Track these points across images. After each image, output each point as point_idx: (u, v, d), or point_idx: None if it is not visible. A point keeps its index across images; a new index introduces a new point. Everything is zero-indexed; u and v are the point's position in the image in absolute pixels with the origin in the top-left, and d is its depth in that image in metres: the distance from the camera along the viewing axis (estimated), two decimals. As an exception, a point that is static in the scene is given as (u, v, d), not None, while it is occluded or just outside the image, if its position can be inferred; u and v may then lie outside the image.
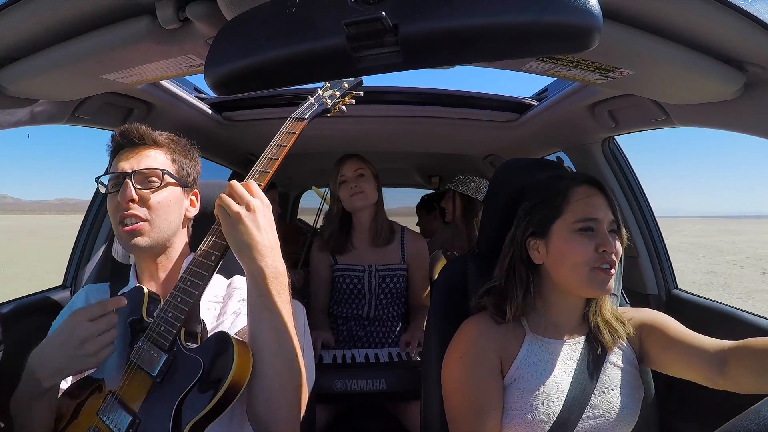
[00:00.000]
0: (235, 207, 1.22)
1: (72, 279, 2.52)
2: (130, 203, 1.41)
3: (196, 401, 1.17)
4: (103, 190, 1.49)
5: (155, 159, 1.51)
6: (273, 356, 1.24)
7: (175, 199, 1.52)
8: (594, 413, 1.42)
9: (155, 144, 1.54)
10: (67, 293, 2.40)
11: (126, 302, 1.28)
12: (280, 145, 1.43)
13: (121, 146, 1.51)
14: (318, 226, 3.93)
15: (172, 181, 1.52)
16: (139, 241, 1.43)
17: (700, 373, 1.41)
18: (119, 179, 1.44)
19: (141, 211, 1.43)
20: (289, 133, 1.48)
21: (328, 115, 1.60)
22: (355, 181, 2.78)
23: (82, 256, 2.55)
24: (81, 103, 1.84)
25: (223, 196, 1.25)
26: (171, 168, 1.53)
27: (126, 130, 1.51)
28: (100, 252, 2.54)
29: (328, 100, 1.57)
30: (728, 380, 1.35)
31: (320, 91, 1.60)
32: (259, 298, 1.24)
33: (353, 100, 1.65)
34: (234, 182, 1.27)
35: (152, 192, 1.46)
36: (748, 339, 1.35)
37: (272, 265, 1.24)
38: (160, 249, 1.50)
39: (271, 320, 1.24)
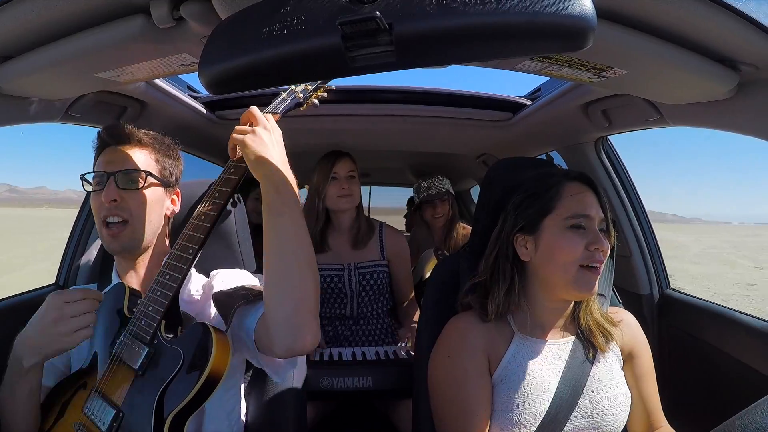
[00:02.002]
0: (255, 125, 1.33)
1: (65, 277, 2.52)
2: (112, 202, 1.42)
3: (177, 391, 1.20)
4: (88, 188, 1.50)
5: (139, 159, 1.51)
6: (295, 247, 1.28)
7: (156, 199, 1.53)
8: (583, 413, 1.42)
9: (140, 144, 1.54)
10: (59, 292, 2.40)
11: (101, 298, 1.31)
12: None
13: (107, 144, 1.51)
14: None
15: (155, 181, 1.53)
16: (120, 241, 1.45)
17: (633, 426, 1.56)
18: (103, 178, 1.45)
19: (122, 211, 1.44)
20: None
21: (301, 108, 1.60)
22: (346, 182, 2.75)
23: (75, 253, 2.54)
24: (74, 102, 1.83)
25: (242, 118, 1.36)
26: (154, 168, 1.53)
27: (111, 129, 1.52)
28: (93, 250, 2.53)
29: (300, 94, 1.58)
30: None
31: (292, 86, 1.60)
32: (278, 196, 1.28)
33: (325, 94, 1.66)
34: (253, 107, 1.37)
35: (134, 192, 1.47)
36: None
37: (286, 172, 1.30)
38: (142, 249, 1.51)
39: (290, 215, 1.28)
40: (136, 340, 1.28)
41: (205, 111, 2.60)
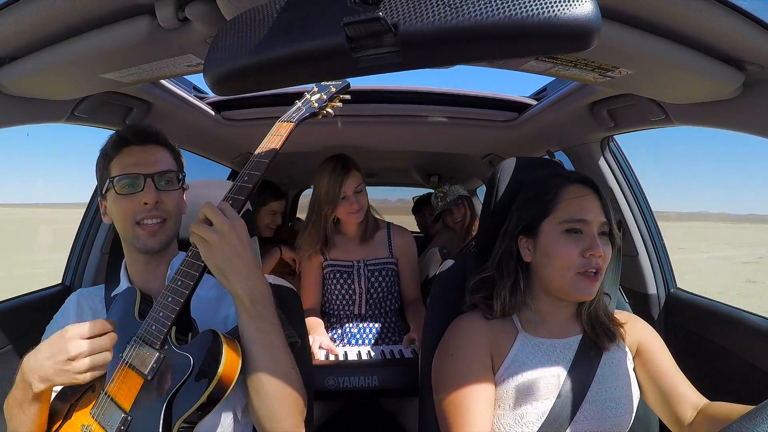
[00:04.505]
0: (211, 233, 1.24)
1: (71, 278, 2.53)
2: (154, 204, 1.43)
3: (186, 398, 1.20)
4: (118, 189, 1.45)
5: (167, 159, 1.52)
6: (269, 372, 1.27)
7: (181, 202, 1.54)
8: (587, 415, 1.41)
9: (165, 145, 1.55)
10: (66, 292, 2.40)
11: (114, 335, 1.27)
12: (260, 161, 1.43)
13: (128, 143, 1.49)
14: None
15: (180, 181, 1.54)
16: (159, 238, 1.46)
17: (671, 416, 1.47)
18: (137, 180, 1.44)
19: (161, 212, 1.45)
20: (276, 135, 1.50)
21: (318, 117, 1.60)
22: (356, 199, 2.71)
23: (81, 254, 2.55)
24: (80, 102, 1.84)
25: (197, 224, 1.27)
26: (176, 168, 1.54)
27: (137, 128, 1.52)
28: (100, 250, 2.54)
29: (315, 104, 1.58)
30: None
31: (308, 95, 1.60)
32: (249, 320, 1.28)
33: (341, 104, 1.66)
34: (207, 206, 1.29)
35: (170, 192, 1.48)
36: (719, 403, 1.40)
37: (255, 286, 1.28)
38: (166, 249, 1.52)
39: (263, 339, 1.28)
40: (147, 345, 1.28)
41: (211, 112, 2.60)
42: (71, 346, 1.19)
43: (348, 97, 1.68)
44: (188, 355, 1.23)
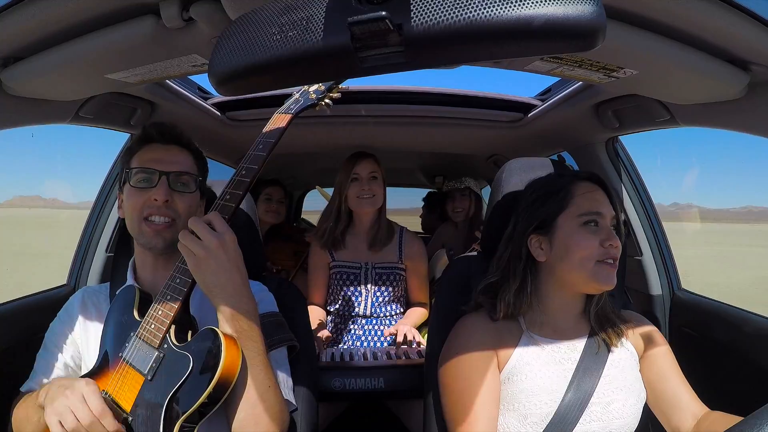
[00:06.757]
0: (198, 247, 1.25)
1: (76, 277, 2.53)
2: (165, 203, 1.43)
3: (187, 397, 1.19)
4: (133, 182, 1.47)
5: (187, 162, 1.53)
6: (244, 389, 1.27)
7: (195, 206, 1.54)
8: (593, 417, 1.40)
9: (188, 148, 1.56)
10: (71, 293, 2.41)
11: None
12: (258, 154, 1.44)
13: (151, 140, 1.51)
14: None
15: (197, 187, 1.54)
16: (164, 236, 1.45)
17: (672, 423, 1.46)
18: (152, 175, 1.45)
19: (171, 212, 1.45)
20: (273, 127, 1.50)
21: (316, 109, 1.60)
22: (368, 183, 2.75)
23: (86, 254, 2.55)
24: (85, 103, 1.84)
25: (186, 235, 1.27)
26: (195, 171, 1.55)
27: (162, 126, 1.53)
28: (104, 250, 2.54)
29: (313, 95, 1.58)
30: None
31: (306, 86, 1.60)
32: (234, 323, 1.27)
33: (339, 94, 1.66)
34: (195, 219, 1.29)
35: (183, 195, 1.48)
36: (719, 412, 1.40)
37: (238, 303, 1.28)
38: (173, 249, 1.50)
39: (245, 356, 1.27)
40: (146, 344, 1.28)
41: (216, 112, 2.60)
42: (71, 402, 1.17)
43: (347, 87, 1.68)
44: (188, 354, 1.23)
